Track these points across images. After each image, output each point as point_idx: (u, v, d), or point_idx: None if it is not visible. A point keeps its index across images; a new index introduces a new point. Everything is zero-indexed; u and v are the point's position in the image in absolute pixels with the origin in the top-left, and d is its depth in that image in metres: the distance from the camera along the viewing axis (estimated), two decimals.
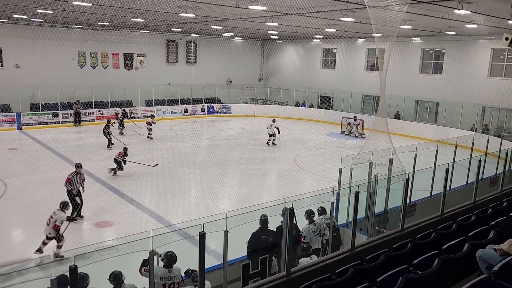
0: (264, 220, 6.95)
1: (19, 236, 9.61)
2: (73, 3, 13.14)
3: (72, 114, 23.31)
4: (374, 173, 9.44)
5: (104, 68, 26.35)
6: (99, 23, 21.04)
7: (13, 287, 5.56)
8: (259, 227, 6.99)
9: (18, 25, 21.38)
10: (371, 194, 8.57)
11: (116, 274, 5.39)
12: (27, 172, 13.92)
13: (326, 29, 20.38)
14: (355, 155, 11.06)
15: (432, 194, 10.55)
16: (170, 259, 5.91)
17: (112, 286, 5.38)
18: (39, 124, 22.20)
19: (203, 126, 26.96)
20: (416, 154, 10.63)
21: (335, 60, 29.65)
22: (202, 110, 28.78)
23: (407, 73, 24.60)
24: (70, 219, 9.45)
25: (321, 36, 27.35)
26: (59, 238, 8.48)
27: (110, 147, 17.85)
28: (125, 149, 14.40)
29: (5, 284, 6.05)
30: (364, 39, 26.61)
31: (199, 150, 18.84)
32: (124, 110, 22.82)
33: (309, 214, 7.85)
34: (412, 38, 23.90)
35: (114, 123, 19.95)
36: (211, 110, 29.10)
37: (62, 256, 8.00)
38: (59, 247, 8.49)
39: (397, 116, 24.26)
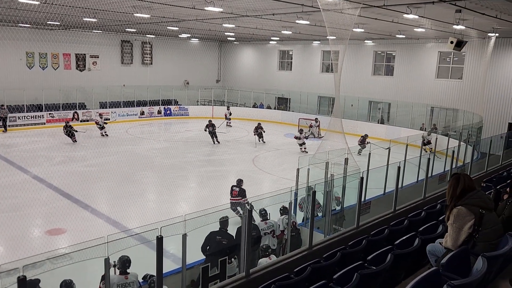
0: (223, 222, 6.96)
1: None
2: (19, 0, 12.56)
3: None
4: (330, 172, 9.68)
5: (55, 69, 25.32)
6: (48, 22, 20.16)
7: None
8: (219, 228, 6.99)
9: None
10: (328, 193, 8.78)
11: (67, 282, 5.21)
12: None
13: (282, 31, 20.65)
14: (312, 155, 11.29)
15: (386, 191, 10.95)
16: (123, 264, 5.77)
17: None
18: None
19: (160, 128, 26.52)
20: (370, 153, 11.01)
21: (291, 62, 30.10)
22: (159, 112, 28.30)
23: (361, 75, 25.39)
24: None
25: (278, 38, 27.68)
26: None
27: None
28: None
29: None
30: (319, 42, 27.19)
31: (156, 152, 18.53)
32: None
33: (261, 212, 7.94)
34: (365, 41, 24.70)
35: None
36: (168, 112, 28.68)
37: None
38: None
39: (381, 121, 24.56)
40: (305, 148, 19.56)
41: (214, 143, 20.21)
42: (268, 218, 8.15)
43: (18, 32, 22.27)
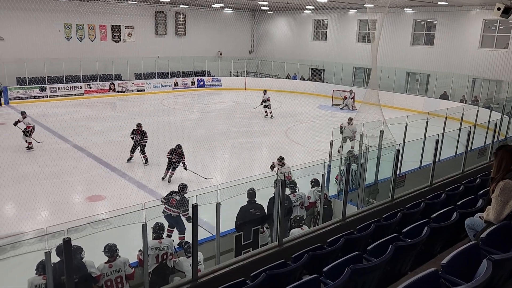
0: (251, 194, 7.01)
1: (10, 210, 9.59)
2: None
3: None
4: (364, 144, 9.51)
5: (92, 41, 25.77)
6: None
7: (7, 260, 5.59)
8: (247, 201, 7.05)
9: None
10: (362, 165, 8.66)
11: (110, 246, 5.43)
12: (15, 147, 13.78)
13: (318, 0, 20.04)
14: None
15: (422, 165, 10.68)
16: (157, 229, 5.96)
17: (107, 258, 5.42)
18: (27, 98, 21.83)
19: (194, 100, 26.74)
20: (406, 126, 10.70)
21: (326, 31, 29.30)
22: (193, 83, 28.47)
23: (399, 45, 24.46)
24: None
25: (313, 7, 26.93)
26: None
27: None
28: None
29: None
30: (355, 10, 26.26)
31: (190, 123, 18.74)
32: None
33: (290, 185, 7.93)
34: (404, 9, 23.64)
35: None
36: (202, 83, 28.79)
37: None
38: None
39: (444, 97, 22.30)
40: (270, 112, 19.91)
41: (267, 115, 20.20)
42: (297, 190, 8.15)
43: (57, 4, 22.69)
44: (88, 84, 24.04)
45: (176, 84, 27.67)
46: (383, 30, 12.03)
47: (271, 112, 20.12)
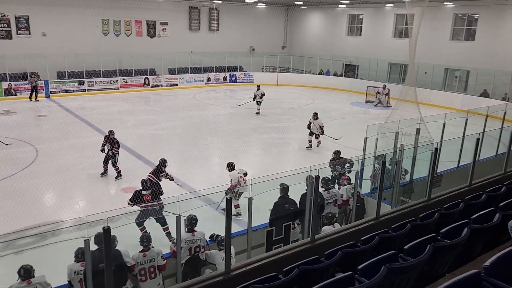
0: (285, 189, 6.98)
1: (51, 199, 9.95)
2: None
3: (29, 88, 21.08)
4: (400, 143, 9.29)
5: (128, 36, 26.35)
6: None
7: (48, 246, 5.81)
8: (280, 196, 7.03)
9: None
10: (397, 163, 8.46)
11: (147, 236, 5.55)
12: (56, 138, 14.29)
13: None
14: (381, 124, 10.88)
15: (460, 165, 10.34)
16: (190, 222, 6.02)
17: (141, 248, 5.54)
18: (66, 91, 22.58)
19: (226, 95, 26.89)
20: (444, 124, 10.37)
21: (361, 26, 28.76)
22: (225, 78, 28.63)
23: (437, 40, 23.68)
24: None
25: (348, 2, 26.48)
26: None
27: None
28: None
29: (40, 244, 6.32)
30: (392, 5, 25.63)
31: (222, 118, 18.85)
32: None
33: (326, 182, 7.83)
34: (444, 3, 22.87)
35: None
36: (234, 78, 28.92)
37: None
38: None
39: (485, 95, 21.57)
40: (259, 110, 19.29)
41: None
42: (331, 187, 8.06)
43: (96, 0, 23.33)
44: (123, 79, 24.62)
45: (209, 79, 27.92)
46: (421, 25, 11.68)
47: (259, 109, 19.48)
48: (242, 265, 4.25)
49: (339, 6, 29.02)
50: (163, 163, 9.55)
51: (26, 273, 4.77)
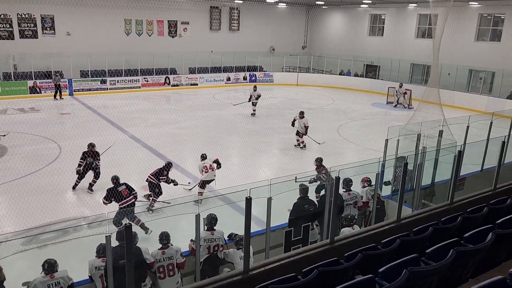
0: (305, 189, 6.95)
1: (73, 195, 10.14)
2: None
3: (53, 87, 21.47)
4: (422, 145, 9.13)
5: (149, 36, 26.67)
6: None
7: (69, 242, 5.93)
8: (299, 197, 7.00)
9: None
10: (419, 166, 8.32)
11: (165, 234, 5.60)
12: (79, 136, 14.56)
13: None
14: (402, 126, 10.73)
15: (483, 168, 10.10)
16: (210, 221, 6.05)
17: (160, 245, 5.59)
18: (89, 90, 23.01)
19: (245, 94, 26.84)
20: (468, 126, 10.15)
21: (383, 26, 28.41)
22: (245, 78, 28.69)
23: (461, 41, 23.18)
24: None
25: (370, 2, 26.19)
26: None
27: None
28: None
29: (63, 239, 6.46)
30: (415, 5, 25.23)
31: (241, 118, 18.90)
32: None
33: (347, 183, 7.76)
34: (469, 3, 22.39)
35: None
36: (254, 78, 28.95)
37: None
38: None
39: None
40: (254, 111, 18.92)
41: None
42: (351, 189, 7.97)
43: (118, 0, 23.68)
44: (145, 78, 24.94)
45: (229, 79, 28.02)
46: (445, 25, 11.47)
47: (254, 110, 19.14)
48: (260, 265, 4.24)
49: (361, 6, 28.73)
50: (167, 166, 9.55)
51: (49, 267, 4.87)
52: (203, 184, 9.75)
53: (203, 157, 10.06)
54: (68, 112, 19.37)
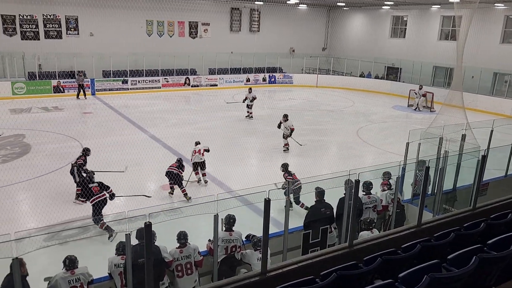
0: (321, 193, 6.89)
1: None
2: None
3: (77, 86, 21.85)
4: (444, 149, 8.97)
5: (170, 37, 26.95)
6: None
7: (90, 239, 6.03)
8: (316, 200, 6.94)
9: None
10: (441, 170, 8.16)
11: (183, 233, 5.64)
12: (100, 135, 14.82)
13: None
14: (424, 129, 10.56)
15: (508, 173, 9.85)
16: (228, 221, 6.07)
17: (178, 244, 5.63)
18: (110, 90, 23.39)
19: (265, 96, 26.91)
20: (492, 131, 9.91)
21: (405, 28, 28.04)
22: (264, 79, 28.71)
23: (486, 43, 22.68)
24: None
25: (392, 3, 25.87)
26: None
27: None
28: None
29: (83, 236, 6.59)
30: (439, 6, 24.80)
31: (260, 119, 18.89)
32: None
33: (368, 186, 7.66)
34: (495, 4, 21.89)
35: None
36: (273, 79, 28.95)
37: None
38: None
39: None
40: (250, 113, 18.61)
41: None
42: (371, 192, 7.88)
43: (141, 2, 24.05)
44: (165, 78, 25.21)
45: (248, 80, 28.08)
46: (469, 27, 11.24)
47: (251, 113, 18.68)
48: (278, 267, 4.22)
49: (383, 7, 28.41)
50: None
51: (70, 263, 4.96)
52: (194, 166, 10.84)
53: (196, 143, 11.21)
54: (90, 111, 19.73)
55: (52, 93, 21.85)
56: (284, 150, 14.07)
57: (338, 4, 28.89)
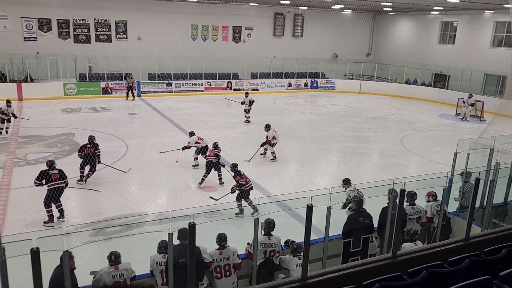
0: (359, 202, 6.74)
1: (136, 192, 10.61)
2: None
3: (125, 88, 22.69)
4: (495, 160, 8.54)
5: (214, 41, 27.39)
6: None
7: (132, 236, 6.18)
8: (353, 209, 6.79)
9: (141, 0, 23.16)
10: (491, 182, 7.77)
11: (222, 235, 5.68)
12: (144, 135, 15.26)
13: (449, 0, 18.54)
14: (473, 139, 10.13)
15: None
16: (268, 226, 6.05)
17: (218, 246, 5.68)
18: (155, 92, 24.05)
19: (306, 101, 26.80)
20: None
21: (454, 34, 27.02)
22: (306, 84, 28.56)
23: None
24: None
25: (441, 8, 25.04)
26: None
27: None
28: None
29: (127, 233, 6.76)
30: (492, 11, 23.74)
31: (301, 124, 18.78)
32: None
33: (412, 196, 7.42)
34: None
35: None
36: (315, 85, 28.74)
37: None
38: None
39: None
40: (248, 117, 18.19)
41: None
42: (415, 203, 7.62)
43: (187, 7, 24.63)
44: (208, 82, 25.64)
45: (290, 85, 28.04)
46: None
47: (248, 117, 18.45)
48: (318, 274, 4.17)
49: (431, 13, 27.55)
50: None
51: (115, 258, 5.11)
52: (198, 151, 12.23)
53: (192, 133, 12.59)
54: (136, 112, 20.37)
55: (101, 94, 22.75)
56: (271, 159, 13.41)
57: (384, 9, 28.30)
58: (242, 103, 18.66)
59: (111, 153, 12.72)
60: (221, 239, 5.65)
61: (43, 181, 8.61)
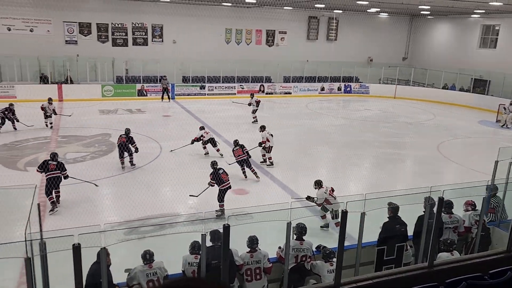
0: (395, 209, 6.57)
1: (169, 192, 10.77)
2: None
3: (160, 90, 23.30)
4: None
5: (248, 44, 27.54)
6: (247, 0, 21.96)
7: (165, 237, 6.28)
8: (389, 216, 6.62)
9: (177, 4, 23.59)
10: None
11: (253, 238, 5.67)
12: (178, 137, 15.49)
13: (491, 2, 17.89)
14: None
15: None
16: (300, 231, 6.00)
17: (249, 249, 5.67)
18: (188, 95, 24.42)
19: (339, 105, 26.50)
20: None
21: (496, 38, 26.02)
22: (339, 88, 28.24)
23: None
24: None
25: (483, 11, 24.18)
26: None
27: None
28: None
29: (159, 233, 6.88)
30: None
31: (334, 129, 18.58)
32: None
33: (449, 205, 7.17)
34: None
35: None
36: (348, 89, 28.38)
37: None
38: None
39: None
40: (255, 118, 17.87)
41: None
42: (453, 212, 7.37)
43: (222, 11, 24.91)
44: (240, 85, 25.79)
45: (322, 89, 27.80)
46: None
47: (255, 117, 18.54)
48: (352, 281, 4.09)
49: (472, 16, 26.66)
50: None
51: (150, 257, 5.20)
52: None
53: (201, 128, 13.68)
54: (170, 114, 20.74)
55: (136, 96, 23.31)
56: (268, 165, 13.08)
57: (421, 12, 27.63)
58: (249, 104, 18.86)
59: (145, 154, 12.98)
60: (253, 242, 5.64)
61: (43, 170, 9.39)
